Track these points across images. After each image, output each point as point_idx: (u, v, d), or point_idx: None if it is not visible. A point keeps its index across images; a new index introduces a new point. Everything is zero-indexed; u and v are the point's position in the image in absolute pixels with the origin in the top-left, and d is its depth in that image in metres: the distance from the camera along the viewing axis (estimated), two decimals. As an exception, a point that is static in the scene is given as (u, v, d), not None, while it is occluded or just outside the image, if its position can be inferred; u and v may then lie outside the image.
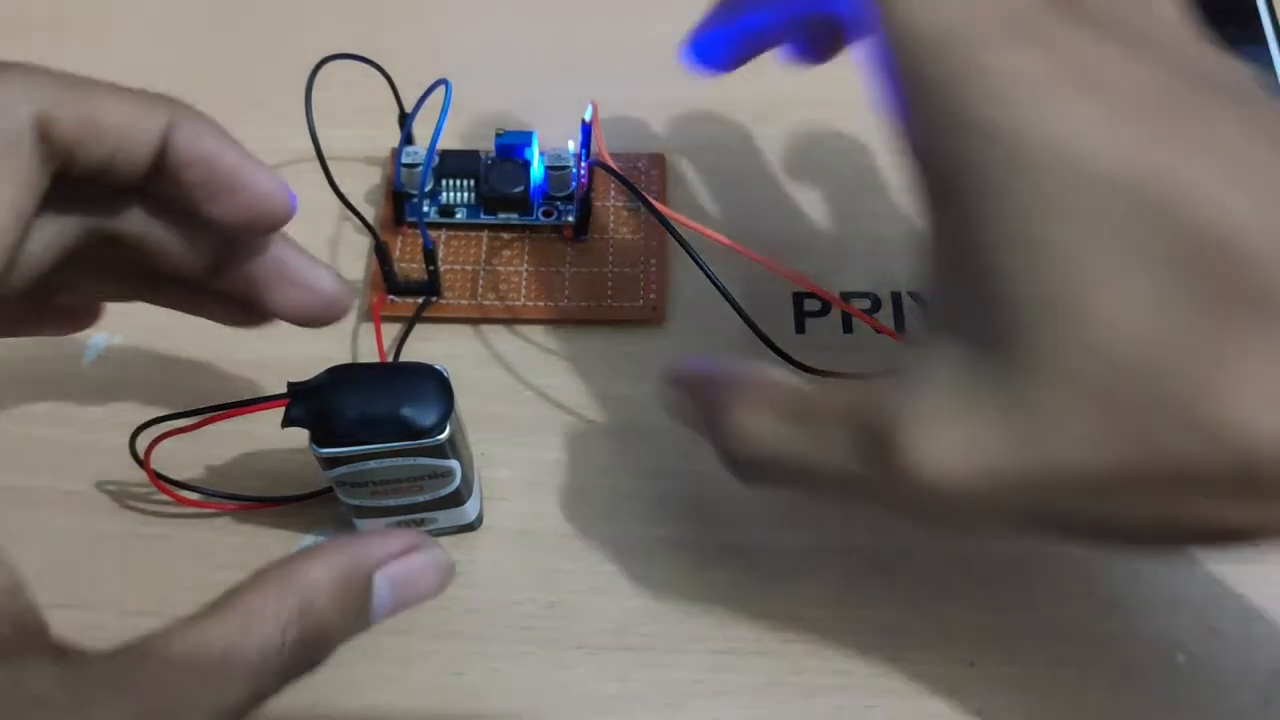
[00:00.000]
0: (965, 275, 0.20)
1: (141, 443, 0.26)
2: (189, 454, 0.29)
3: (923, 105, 0.21)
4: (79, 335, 0.28)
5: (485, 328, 0.33)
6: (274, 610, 0.20)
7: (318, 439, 0.24)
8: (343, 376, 0.25)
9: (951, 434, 0.20)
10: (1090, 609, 0.28)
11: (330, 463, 0.25)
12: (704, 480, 0.30)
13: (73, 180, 0.22)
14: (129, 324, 0.32)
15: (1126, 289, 0.19)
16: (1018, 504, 0.20)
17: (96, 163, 0.21)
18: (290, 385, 0.25)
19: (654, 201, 0.30)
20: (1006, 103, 0.20)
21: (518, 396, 0.32)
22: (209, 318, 0.27)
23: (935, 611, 0.28)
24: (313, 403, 0.24)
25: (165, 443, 0.26)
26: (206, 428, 0.25)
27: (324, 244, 0.34)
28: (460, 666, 0.27)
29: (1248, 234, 0.18)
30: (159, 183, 0.23)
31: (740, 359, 0.25)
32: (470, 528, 0.29)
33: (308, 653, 0.21)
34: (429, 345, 0.32)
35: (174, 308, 0.27)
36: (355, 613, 0.22)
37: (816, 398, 0.23)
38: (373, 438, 0.24)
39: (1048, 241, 0.19)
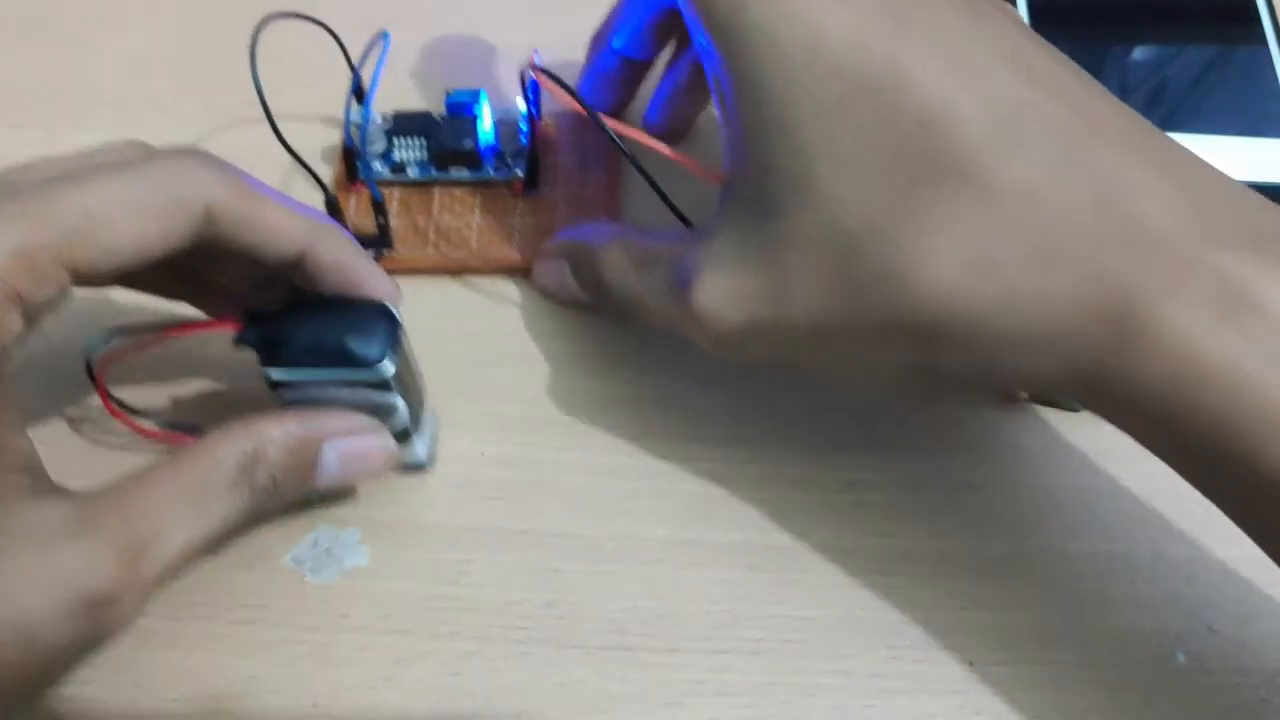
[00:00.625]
0: (743, 157, 0.25)
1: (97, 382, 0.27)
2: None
3: (708, 14, 0.24)
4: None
5: (438, 279, 0.34)
6: (235, 457, 0.24)
7: (265, 360, 0.26)
8: (299, 305, 0.27)
9: (727, 285, 0.25)
10: (1089, 608, 0.28)
11: (276, 386, 0.26)
12: (704, 479, 0.30)
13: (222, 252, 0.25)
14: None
15: (854, 166, 0.23)
16: (774, 344, 0.25)
17: (245, 248, 0.25)
18: (247, 310, 0.26)
19: (574, 101, 0.29)
20: (771, 6, 0.23)
21: (515, 396, 0.32)
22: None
23: (935, 611, 0.28)
24: (265, 327, 0.26)
25: (130, 386, 0.26)
26: (168, 361, 0.25)
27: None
28: (459, 666, 0.27)
29: (954, 114, 0.22)
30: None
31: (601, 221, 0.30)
32: (420, 467, 0.30)
33: (262, 497, 0.25)
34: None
35: (206, 311, 0.29)
36: (303, 472, 0.26)
37: (652, 250, 0.28)
38: (317, 363, 0.26)
39: (797, 128, 0.23)
